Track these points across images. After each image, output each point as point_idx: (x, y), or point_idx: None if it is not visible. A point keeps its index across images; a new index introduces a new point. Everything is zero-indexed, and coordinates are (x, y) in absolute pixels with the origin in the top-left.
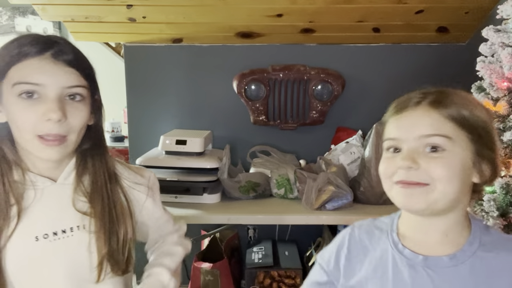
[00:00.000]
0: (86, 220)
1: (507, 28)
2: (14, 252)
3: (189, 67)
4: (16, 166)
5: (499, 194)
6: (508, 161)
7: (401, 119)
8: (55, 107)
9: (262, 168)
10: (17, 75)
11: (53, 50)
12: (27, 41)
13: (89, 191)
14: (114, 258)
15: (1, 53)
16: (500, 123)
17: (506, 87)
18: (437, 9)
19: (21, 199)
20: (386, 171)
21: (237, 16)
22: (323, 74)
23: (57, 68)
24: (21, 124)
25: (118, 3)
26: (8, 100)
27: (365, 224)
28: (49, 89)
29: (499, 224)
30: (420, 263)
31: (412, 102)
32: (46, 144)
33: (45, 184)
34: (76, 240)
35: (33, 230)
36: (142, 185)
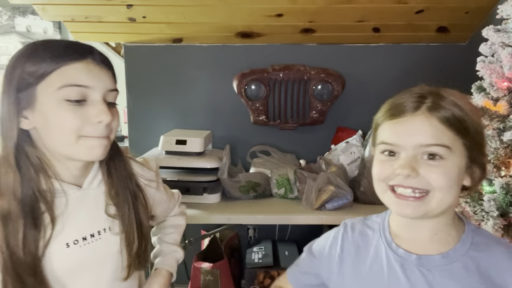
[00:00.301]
0: (112, 222)
1: (507, 28)
2: (50, 261)
3: (189, 67)
4: (44, 174)
5: (499, 194)
6: (508, 161)
7: (399, 124)
8: (106, 109)
9: (262, 168)
10: (63, 78)
11: (92, 54)
12: (63, 46)
13: (113, 194)
14: (139, 255)
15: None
16: (500, 123)
17: (506, 87)
18: (437, 9)
19: (53, 207)
20: (381, 175)
21: (237, 16)
22: (323, 74)
23: (100, 71)
24: (65, 127)
25: (118, 3)
26: (48, 103)
27: (357, 224)
28: (96, 91)
29: (499, 224)
30: (414, 262)
31: (409, 106)
32: (92, 143)
33: (72, 190)
34: (104, 243)
35: (64, 237)
36: (153, 181)
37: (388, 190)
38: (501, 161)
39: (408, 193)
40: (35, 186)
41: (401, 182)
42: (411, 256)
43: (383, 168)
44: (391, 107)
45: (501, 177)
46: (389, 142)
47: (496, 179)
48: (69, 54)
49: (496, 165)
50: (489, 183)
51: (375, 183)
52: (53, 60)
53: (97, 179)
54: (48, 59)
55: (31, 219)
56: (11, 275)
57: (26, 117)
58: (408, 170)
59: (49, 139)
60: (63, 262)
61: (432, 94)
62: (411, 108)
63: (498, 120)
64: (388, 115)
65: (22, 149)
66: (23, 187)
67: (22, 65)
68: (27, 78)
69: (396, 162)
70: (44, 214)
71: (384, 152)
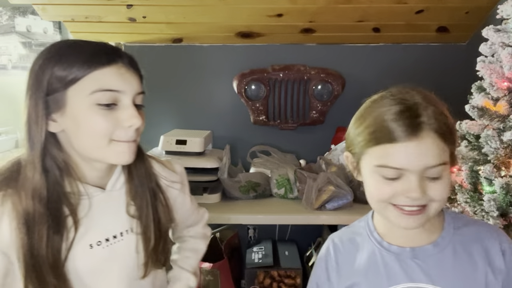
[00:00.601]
0: (133, 223)
1: (507, 28)
2: (73, 262)
3: (189, 67)
4: (69, 177)
5: (499, 194)
6: (508, 161)
7: (403, 149)
8: (136, 113)
9: (262, 168)
10: (95, 83)
11: (122, 58)
12: (95, 50)
13: (134, 193)
14: (156, 254)
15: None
16: (500, 123)
17: (506, 87)
18: (437, 9)
19: (76, 210)
20: (383, 196)
21: (237, 16)
22: (323, 74)
23: (130, 75)
24: (96, 131)
25: (118, 3)
26: (80, 107)
27: (344, 234)
28: (127, 95)
29: (499, 224)
30: (408, 255)
31: (408, 129)
32: (122, 148)
33: (96, 193)
34: (125, 244)
35: (87, 239)
36: (177, 182)
37: (390, 207)
38: (501, 161)
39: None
40: (60, 189)
41: (406, 203)
42: (405, 250)
43: (383, 190)
44: (381, 129)
45: (501, 177)
46: (394, 166)
47: (496, 179)
48: (100, 59)
49: (496, 165)
50: (489, 183)
51: (373, 202)
52: (84, 65)
53: (119, 181)
54: (78, 63)
55: (55, 222)
56: (33, 277)
57: (54, 120)
58: (420, 193)
59: (79, 142)
60: (85, 263)
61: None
62: (411, 131)
63: (498, 120)
64: (381, 137)
65: (49, 152)
66: (48, 190)
67: (51, 69)
68: (56, 83)
69: (399, 183)
70: (68, 218)
71: (384, 175)
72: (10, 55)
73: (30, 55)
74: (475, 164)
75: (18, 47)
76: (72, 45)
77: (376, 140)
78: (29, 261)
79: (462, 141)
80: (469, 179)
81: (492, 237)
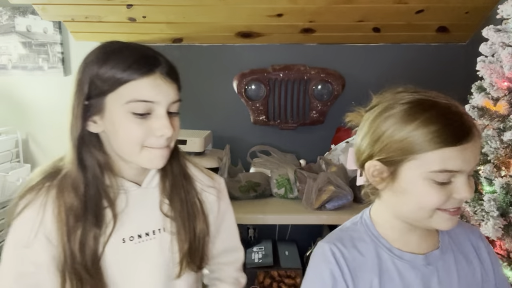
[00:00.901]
0: (168, 222)
1: (507, 28)
2: (106, 255)
3: (189, 67)
4: (108, 171)
5: (499, 194)
6: (508, 161)
7: (467, 150)
8: (168, 123)
9: (262, 168)
10: (131, 93)
11: (161, 67)
12: (134, 59)
13: (168, 192)
14: (191, 255)
15: (107, 71)
16: (500, 123)
17: (506, 87)
18: (437, 9)
19: (115, 203)
20: (437, 202)
21: (237, 16)
22: (323, 74)
23: (166, 86)
24: (130, 137)
25: (118, 3)
26: (117, 114)
27: (344, 239)
28: (160, 105)
29: (499, 224)
30: (421, 261)
31: (467, 130)
32: (154, 154)
33: (132, 188)
34: (158, 242)
35: (121, 232)
36: (212, 188)
37: (438, 211)
38: (501, 161)
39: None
40: (100, 184)
41: (456, 205)
42: (418, 258)
43: (441, 195)
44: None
45: (501, 177)
46: (456, 169)
47: (496, 179)
48: (139, 68)
49: (496, 165)
50: (489, 183)
51: (421, 211)
52: (123, 73)
53: (155, 179)
54: (119, 71)
55: (93, 214)
56: (69, 271)
57: (95, 121)
58: (472, 193)
59: (116, 145)
60: (117, 257)
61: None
62: (471, 132)
63: (498, 120)
64: (451, 140)
65: (89, 150)
66: (87, 185)
67: (94, 73)
68: (97, 87)
69: (449, 187)
70: (106, 210)
71: (437, 181)
72: (10, 55)
73: (30, 55)
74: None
75: (18, 47)
76: (117, 50)
77: (435, 145)
78: (67, 254)
79: None
80: None
81: (476, 235)
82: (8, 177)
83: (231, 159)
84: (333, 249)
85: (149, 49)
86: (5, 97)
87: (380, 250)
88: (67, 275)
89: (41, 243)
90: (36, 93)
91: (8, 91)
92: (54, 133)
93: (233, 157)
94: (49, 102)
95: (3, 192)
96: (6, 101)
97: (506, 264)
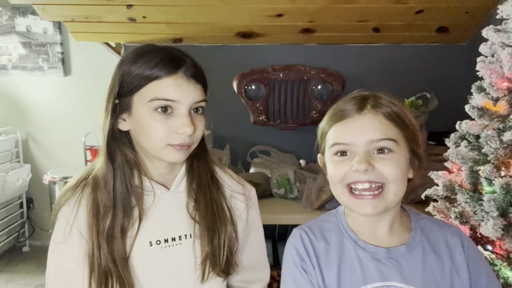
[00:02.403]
0: (194, 228)
1: (507, 28)
2: (132, 258)
3: None
4: (136, 170)
5: (499, 194)
6: (508, 161)
7: (349, 124)
8: (188, 122)
9: (262, 168)
10: (154, 92)
11: (184, 68)
12: (158, 59)
13: (195, 193)
14: (215, 257)
15: (132, 70)
16: (500, 123)
17: (506, 87)
18: (437, 9)
19: (142, 202)
20: (338, 176)
21: (237, 16)
22: (323, 74)
23: (188, 86)
24: (155, 134)
25: (118, 3)
26: (142, 112)
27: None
28: (182, 104)
29: (499, 224)
30: (384, 255)
31: (355, 107)
32: (176, 148)
33: (160, 191)
34: (184, 248)
35: (148, 235)
36: (242, 194)
37: (346, 192)
38: (501, 161)
39: (366, 188)
40: (129, 181)
41: (358, 178)
42: (380, 250)
43: (338, 168)
44: (337, 112)
45: (501, 177)
46: (342, 142)
47: (496, 179)
48: (163, 68)
49: (496, 165)
50: (489, 183)
51: (333, 186)
52: (149, 72)
53: (183, 183)
54: (145, 70)
55: (122, 209)
56: (98, 265)
57: (124, 119)
58: (365, 164)
59: (142, 141)
60: (144, 261)
61: (371, 95)
62: (357, 109)
63: (498, 120)
64: (336, 118)
65: (119, 147)
66: (117, 181)
67: (125, 72)
68: (126, 86)
69: (349, 160)
70: (134, 208)
71: (337, 153)
72: (10, 55)
73: (30, 55)
74: (475, 164)
75: (18, 47)
76: (145, 51)
77: (329, 124)
78: (95, 243)
79: (462, 141)
80: (469, 179)
81: (454, 236)
82: (8, 177)
83: (231, 159)
84: (302, 235)
85: (177, 51)
86: (5, 97)
87: (345, 241)
88: (96, 269)
89: (75, 239)
90: (36, 93)
91: (8, 91)
92: (54, 133)
93: (233, 157)
94: (49, 102)
95: (3, 192)
96: (6, 101)
97: (506, 264)
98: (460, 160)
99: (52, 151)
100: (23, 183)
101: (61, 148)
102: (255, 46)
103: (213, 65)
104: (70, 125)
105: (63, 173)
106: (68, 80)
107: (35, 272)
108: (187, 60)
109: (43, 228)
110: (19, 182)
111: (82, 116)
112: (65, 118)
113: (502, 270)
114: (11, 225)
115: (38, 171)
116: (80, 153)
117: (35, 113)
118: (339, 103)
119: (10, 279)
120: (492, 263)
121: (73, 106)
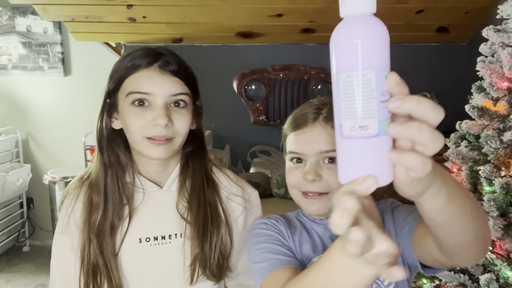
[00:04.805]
0: (185, 228)
1: (507, 28)
2: (122, 255)
3: None
4: (129, 168)
5: (499, 194)
6: (508, 161)
7: (301, 135)
8: (162, 113)
9: (262, 168)
10: (130, 85)
11: (160, 62)
12: (138, 55)
13: (188, 193)
14: (205, 260)
15: (117, 68)
16: (500, 123)
17: (506, 87)
18: (437, 9)
19: (132, 200)
20: (292, 181)
21: (237, 16)
22: (323, 74)
23: (163, 78)
24: (132, 127)
25: (118, 3)
26: (123, 108)
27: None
28: (157, 97)
29: (499, 224)
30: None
31: (309, 117)
32: (154, 143)
33: (152, 189)
34: (174, 247)
35: (138, 232)
36: (239, 197)
37: (300, 194)
38: (501, 161)
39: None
40: (120, 180)
41: (308, 188)
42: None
43: (293, 175)
44: (294, 119)
45: (501, 177)
46: (295, 151)
47: (496, 179)
48: (140, 62)
49: (496, 165)
50: (489, 183)
51: (289, 189)
52: (126, 70)
53: (177, 182)
54: (125, 67)
55: (112, 206)
56: (87, 258)
57: (116, 118)
58: (312, 175)
59: (128, 138)
60: (132, 258)
61: (327, 105)
62: (311, 119)
63: (498, 120)
64: (293, 126)
65: (111, 146)
66: (108, 180)
67: (113, 70)
68: (113, 84)
69: (303, 168)
70: (125, 206)
71: (292, 160)
72: (10, 55)
73: (30, 55)
74: (475, 164)
75: (18, 47)
76: (130, 53)
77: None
78: (85, 236)
79: (462, 141)
80: (469, 179)
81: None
82: (8, 177)
83: (231, 159)
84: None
85: (163, 48)
86: (5, 97)
87: (303, 221)
88: (85, 263)
89: (72, 230)
90: (36, 93)
91: (8, 91)
92: (54, 133)
93: (233, 157)
94: (49, 102)
95: (3, 192)
96: (6, 101)
97: (506, 264)
98: (460, 160)
99: (52, 151)
100: (23, 183)
101: (61, 148)
102: (255, 46)
103: (213, 65)
104: (70, 125)
105: (63, 173)
106: (68, 80)
107: (35, 272)
108: (166, 54)
109: (43, 228)
110: (19, 182)
111: (82, 116)
112: (65, 118)
113: (502, 270)
114: (11, 225)
115: (38, 171)
116: (80, 153)
117: (35, 113)
118: (299, 109)
119: (10, 279)
120: (492, 263)
121: (73, 106)
